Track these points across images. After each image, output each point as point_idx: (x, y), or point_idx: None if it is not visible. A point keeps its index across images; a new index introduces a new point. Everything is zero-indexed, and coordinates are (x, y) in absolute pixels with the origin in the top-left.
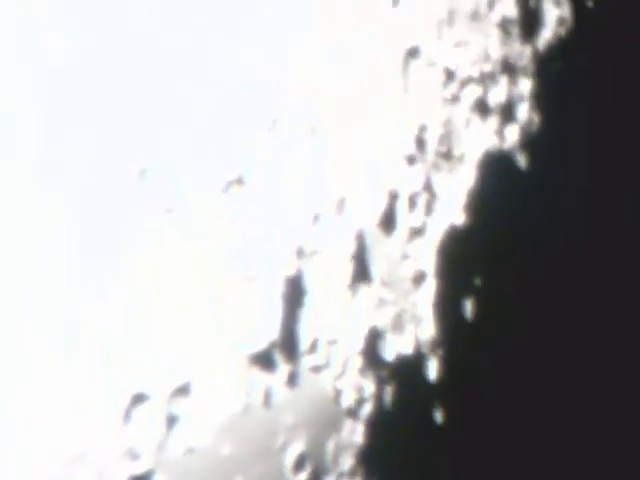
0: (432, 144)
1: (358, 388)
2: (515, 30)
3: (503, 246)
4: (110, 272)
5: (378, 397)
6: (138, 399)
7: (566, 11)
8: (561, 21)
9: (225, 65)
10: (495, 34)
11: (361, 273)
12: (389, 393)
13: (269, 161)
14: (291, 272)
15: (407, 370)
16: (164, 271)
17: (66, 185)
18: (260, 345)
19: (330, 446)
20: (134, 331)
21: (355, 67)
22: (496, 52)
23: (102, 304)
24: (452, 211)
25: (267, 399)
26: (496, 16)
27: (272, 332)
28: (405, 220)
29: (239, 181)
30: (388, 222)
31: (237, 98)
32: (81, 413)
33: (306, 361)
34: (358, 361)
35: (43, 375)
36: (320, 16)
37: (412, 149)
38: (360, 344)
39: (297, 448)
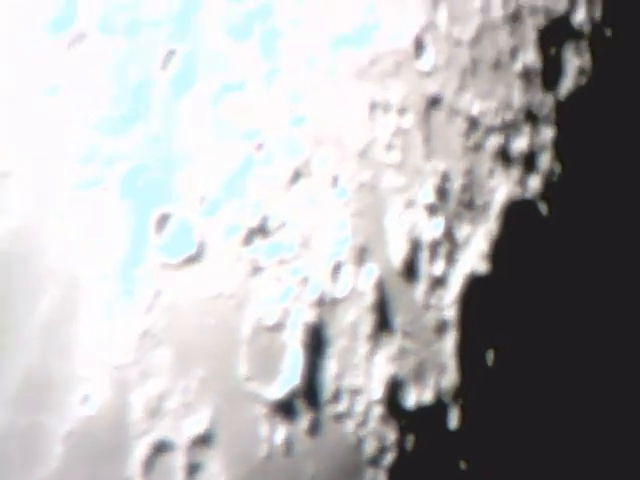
0: (454, 193)
1: (380, 437)
2: (537, 79)
3: (526, 295)
4: None
5: (400, 446)
6: (161, 447)
7: (587, 61)
8: (582, 71)
9: None
10: (517, 83)
11: (383, 322)
12: (411, 442)
13: (290, 210)
14: (312, 321)
15: (429, 419)
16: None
17: None
18: (282, 393)
19: None
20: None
21: (378, 116)
22: (518, 101)
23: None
24: (474, 260)
25: (288, 448)
26: (518, 66)
27: (293, 381)
28: (427, 269)
29: (261, 230)
30: (410, 271)
31: (261, 156)
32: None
33: (328, 410)
34: (380, 410)
35: None
36: (342, 63)
37: (434, 198)
38: (381, 393)
39: None
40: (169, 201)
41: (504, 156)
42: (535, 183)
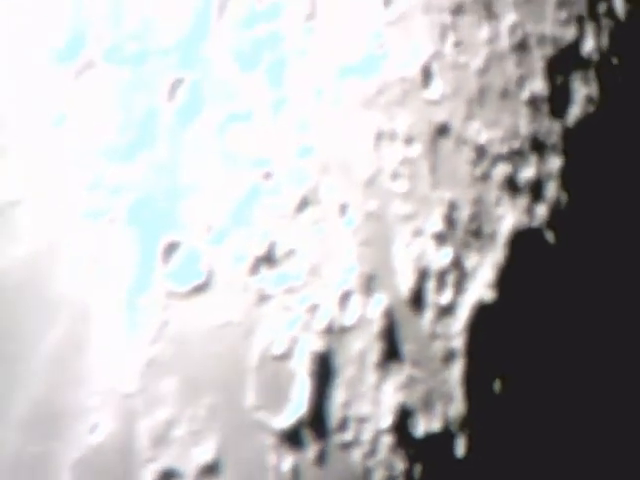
0: (462, 222)
1: (388, 466)
2: (544, 108)
3: (533, 323)
4: None
5: (408, 475)
6: (168, 476)
7: (594, 89)
8: (589, 99)
9: None
10: (524, 112)
11: (391, 351)
12: (419, 471)
13: (298, 239)
14: (320, 349)
15: (437, 448)
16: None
17: None
18: (289, 422)
19: None
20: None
21: (385, 145)
22: (525, 130)
23: None
24: (481, 289)
25: (295, 477)
26: (525, 94)
27: (301, 409)
28: (434, 298)
29: (269, 258)
30: (417, 300)
31: (271, 185)
32: None
33: (335, 438)
34: (388, 439)
35: None
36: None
37: (441, 227)
38: (390, 421)
39: None
40: (176, 230)
41: (511, 185)
42: (542, 212)
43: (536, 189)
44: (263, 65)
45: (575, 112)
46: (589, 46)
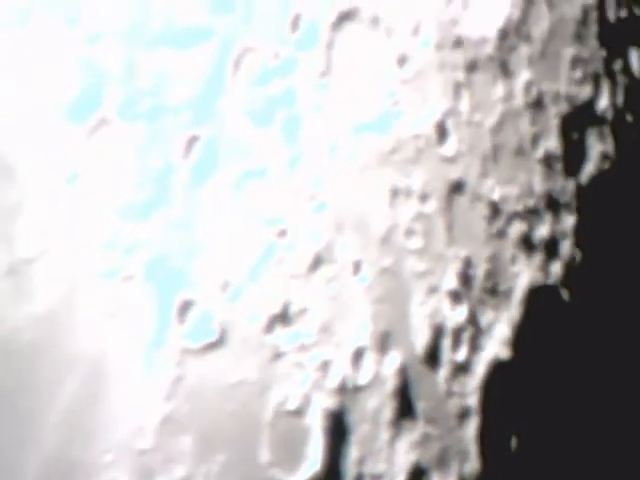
0: (477, 279)
1: None
2: (559, 166)
3: (549, 381)
4: None
5: None
6: None
7: (610, 146)
8: (605, 156)
9: None
10: (539, 169)
11: (405, 409)
12: None
13: (312, 297)
14: (334, 407)
15: None
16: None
17: None
18: (303, 479)
19: None
20: None
21: (399, 202)
22: (540, 187)
23: None
24: (497, 347)
25: None
26: (540, 152)
27: (315, 467)
28: (450, 356)
29: (283, 316)
30: (432, 357)
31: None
32: None
33: None
34: None
35: None
36: (364, 149)
37: (457, 284)
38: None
39: None
40: (191, 287)
41: (526, 242)
42: (557, 269)
43: (551, 247)
44: (278, 121)
45: (590, 169)
46: (604, 103)
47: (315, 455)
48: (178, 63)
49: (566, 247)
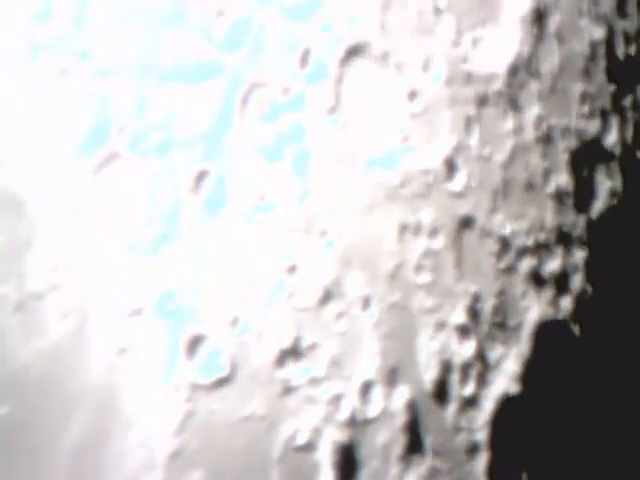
0: (486, 315)
1: None
2: (569, 201)
3: (558, 416)
4: None
5: None
6: None
7: (618, 182)
8: (613, 192)
9: None
10: (549, 205)
11: (414, 443)
12: None
13: (321, 332)
14: (344, 441)
15: None
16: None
17: None
18: None
19: None
20: None
21: (408, 237)
22: (550, 222)
23: None
24: (506, 382)
25: None
26: (550, 187)
27: None
28: (458, 391)
29: (293, 351)
30: (441, 392)
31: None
32: None
33: None
34: None
35: None
36: (373, 184)
37: (465, 319)
38: None
39: None
40: (201, 322)
41: (536, 277)
42: (567, 304)
43: (561, 281)
44: (287, 157)
45: (599, 205)
46: (613, 139)
47: None
48: (188, 98)
49: (576, 282)
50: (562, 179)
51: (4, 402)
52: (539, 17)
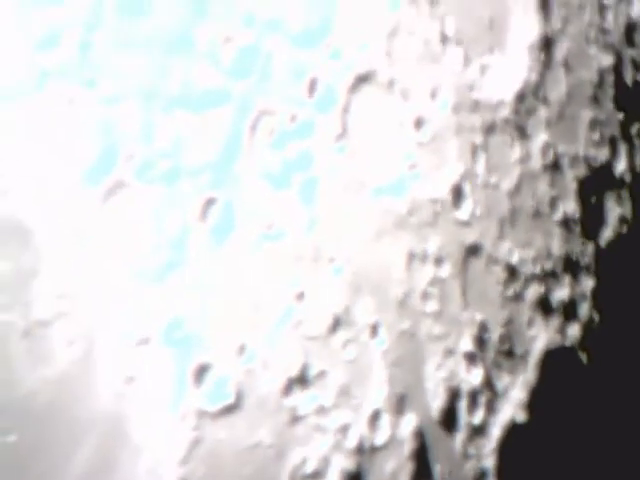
0: (493, 342)
1: None
2: (577, 229)
3: (565, 444)
4: None
5: None
6: None
7: (628, 210)
8: (623, 219)
9: None
10: (557, 233)
11: (422, 471)
12: None
13: (330, 359)
14: (352, 469)
15: None
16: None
17: None
18: None
19: None
20: None
21: (416, 265)
22: (558, 250)
23: None
24: (513, 410)
25: None
26: (558, 215)
27: None
28: (466, 419)
29: (301, 379)
30: (449, 420)
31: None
32: None
33: None
34: None
35: None
36: (380, 212)
37: (473, 347)
38: None
39: None
40: (208, 351)
41: (544, 305)
42: (574, 332)
43: (569, 309)
44: (295, 184)
45: (608, 233)
46: (622, 167)
47: None
48: (195, 125)
49: (584, 310)
50: (570, 207)
51: (12, 430)
52: (547, 44)
